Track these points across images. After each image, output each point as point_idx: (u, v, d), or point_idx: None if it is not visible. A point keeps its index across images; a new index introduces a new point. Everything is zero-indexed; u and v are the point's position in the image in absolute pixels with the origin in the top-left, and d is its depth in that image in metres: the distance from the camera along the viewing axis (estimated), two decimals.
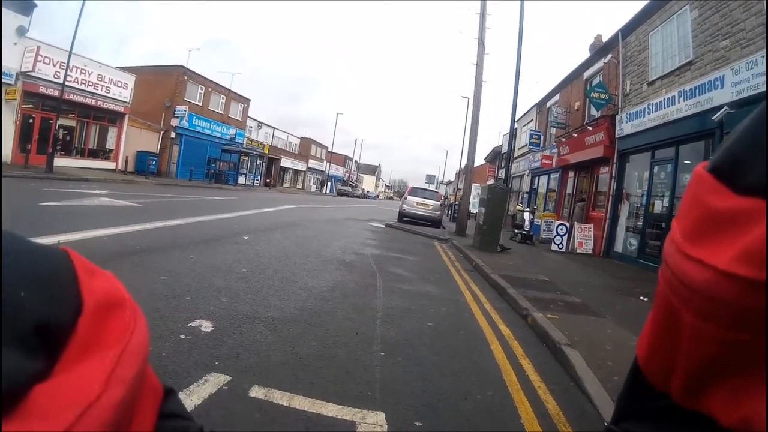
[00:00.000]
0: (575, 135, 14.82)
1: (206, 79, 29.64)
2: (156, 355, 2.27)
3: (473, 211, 17.46)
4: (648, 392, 0.41)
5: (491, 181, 26.39)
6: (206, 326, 2.78)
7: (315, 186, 55.60)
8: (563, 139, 15.90)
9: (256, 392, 2.08)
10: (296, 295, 3.81)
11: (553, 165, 16.90)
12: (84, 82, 20.00)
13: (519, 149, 22.74)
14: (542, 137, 19.92)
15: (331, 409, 2.04)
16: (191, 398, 1.93)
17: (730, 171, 0.31)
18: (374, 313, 3.69)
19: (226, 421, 1.82)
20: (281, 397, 2.06)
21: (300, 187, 51.07)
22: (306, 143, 53.13)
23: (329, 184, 58.32)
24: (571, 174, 16.05)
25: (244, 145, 33.64)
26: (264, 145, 38.92)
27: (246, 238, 6.45)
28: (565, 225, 12.44)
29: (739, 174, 0.31)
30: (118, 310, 0.29)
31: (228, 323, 2.89)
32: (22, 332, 0.23)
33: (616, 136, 12.23)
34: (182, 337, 2.56)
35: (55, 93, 17.33)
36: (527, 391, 2.58)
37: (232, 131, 32.33)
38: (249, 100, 35.56)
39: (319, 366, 2.48)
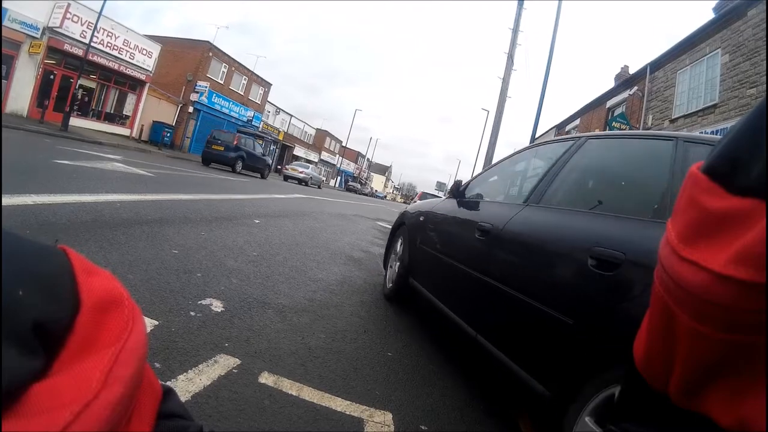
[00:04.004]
0: None
1: (231, 58, 29.71)
2: (166, 329, 2.25)
3: None
4: (646, 393, 0.39)
5: None
6: (217, 306, 2.75)
7: (324, 178, 55.70)
8: None
9: (266, 379, 2.05)
10: (305, 285, 3.78)
11: None
12: (109, 45, 20.07)
13: None
14: None
15: (339, 404, 2.02)
16: (200, 378, 1.91)
17: (725, 172, 0.31)
18: (382, 312, 3.66)
19: (234, 406, 1.79)
20: (291, 387, 2.04)
21: None
22: (321, 135, 53.18)
23: (339, 178, 58.35)
24: None
25: (260, 129, 33.68)
26: (279, 132, 38.99)
27: (257, 221, 6.43)
28: None
29: (734, 175, 0.30)
30: (116, 308, 0.29)
31: (238, 305, 2.87)
32: (20, 331, 0.23)
33: None
34: (192, 314, 2.54)
35: (80, 52, 17.40)
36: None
37: (250, 113, 32.40)
38: (270, 84, 35.63)
39: (328, 359, 2.45)
